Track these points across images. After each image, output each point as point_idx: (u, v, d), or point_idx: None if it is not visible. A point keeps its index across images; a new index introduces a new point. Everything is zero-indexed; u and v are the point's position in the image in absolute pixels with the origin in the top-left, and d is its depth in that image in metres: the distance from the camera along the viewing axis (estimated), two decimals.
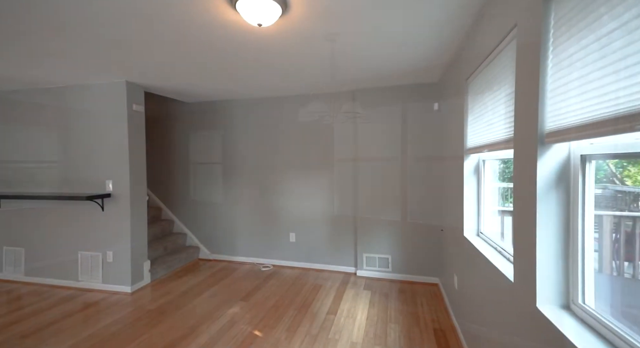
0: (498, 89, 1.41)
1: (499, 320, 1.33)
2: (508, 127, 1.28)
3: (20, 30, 1.82)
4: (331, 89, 3.27)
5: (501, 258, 1.46)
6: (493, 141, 1.48)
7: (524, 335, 1.06)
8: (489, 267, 1.45)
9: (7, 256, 3.25)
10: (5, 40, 1.95)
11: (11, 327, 2.30)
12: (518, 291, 1.12)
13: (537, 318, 0.96)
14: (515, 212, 1.15)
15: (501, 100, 1.37)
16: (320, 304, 2.65)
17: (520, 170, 1.11)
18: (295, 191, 3.58)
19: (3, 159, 3.27)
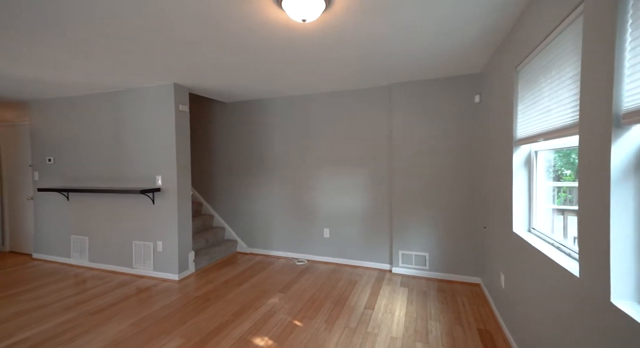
0: (557, 74, 1.32)
1: (560, 317, 1.25)
2: (571, 112, 1.20)
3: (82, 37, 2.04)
4: (367, 84, 3.25)
5: (559, 254, 1.37)
6: (551, 128, 1.39)
7: (594, 331, 0.99)
8: (547, 263, 1.37)
9: (75, 243, 3.65)
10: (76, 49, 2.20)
11: (81, 306, 2.58)
12: (586, 286, 1.04)
13: (612, 313, 0.89)
14: (583, 203, 1.07)
15: (561, 84, 1.29)
16: (356, 299, 2.65)
17: (588, 157, 1.03)
18: (329, 187, 3.62)
19: (71, 157, 3.67)
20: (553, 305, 1.31)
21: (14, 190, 4.12)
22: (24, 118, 3.95)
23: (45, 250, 3.84)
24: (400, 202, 3.21)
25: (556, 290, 1.28)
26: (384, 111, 3.35)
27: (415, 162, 3.14)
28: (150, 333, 2.14)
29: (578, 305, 1.10)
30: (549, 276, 1.35)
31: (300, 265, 3.58)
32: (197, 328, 2.20)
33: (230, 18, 1.75)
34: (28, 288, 2.95)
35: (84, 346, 1.98)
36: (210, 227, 4.20)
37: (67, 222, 3.68)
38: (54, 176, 3.77)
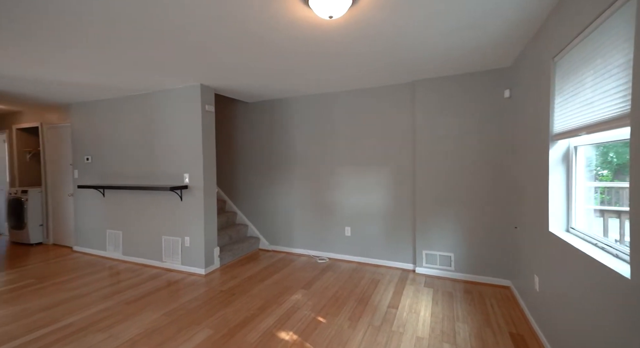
0: (602, 63, 1.24)
1: (604, 320, 1.18)
2: (619, 103, 1.12)
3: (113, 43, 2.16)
4: (389, 81, 3.21)
5: (605, 255, 1.29)
6: (595, 121, 1.31)
7: None
8: (591, 264, 1.29)
9: (110, 238, 3.88)
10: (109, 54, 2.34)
11: (117, 295, 2.74)
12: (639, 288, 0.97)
13: None
14: (636, 200, 1.00)
15: (607, 74, 1.21)
16: (380, 298, 2.63)
17: None
18: (350, 185, 3.61)
19: (107, 156, 3.91)
20: (596, 307, 1.23)
21: (56, 187, 4.45)
22: (65, 120, 4.26)
23: (84, 243, 4.12)
24: (423, 201, 3.14)
25: (602, 292, 1.20)
26: (406, 108, 3.29)
27: (440, 160, 3.06)
28: (181, 323, 2.24)
29: (629, 307, 1.03)
30: (594, 278, 1.27)
31: (321, 263, 3.60)
32: (225, 320, 2.27)
33: (256, 19, 1.79)
34: (70, 278, 3.17)
35: (122, 333, 2.11)
36: (233, 224, 4.32)
37: (103, 217, 3.92)
38: (92, 174, 4.03)
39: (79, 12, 1.69)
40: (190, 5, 1.64)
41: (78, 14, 1.72)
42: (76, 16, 1.74)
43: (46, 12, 1.70)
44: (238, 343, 1.97)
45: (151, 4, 1.62)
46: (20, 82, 3.08)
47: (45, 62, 2.51)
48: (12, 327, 2.20)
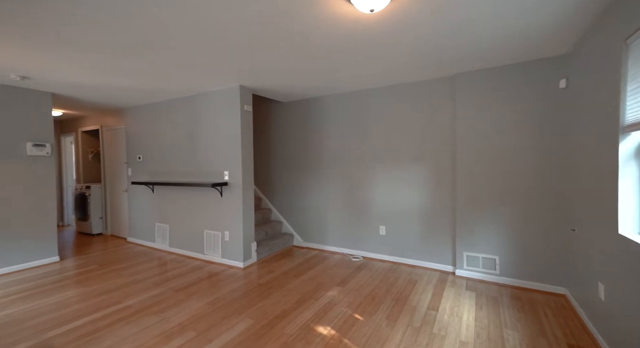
0: None
1: None
2: None
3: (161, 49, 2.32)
4: (427, 76, 3.09)
5: None
6: None
7: None
8: None
9: (158, 230, 4.21)
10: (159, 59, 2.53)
11: (166, 283, 2.96)
12: None
13: None
14: None
15: None
16: (418, 299, 2.55)
17: None
18: (385, 183, 3.54)
19: (155, 155, 4.24)
20: None
21: (113, 183, 4.93)
22: (121, 123, 4.70)
23: (136, 234, 4.52)
24: (465, 200, 2.98)
25: None
26: (445, 103, 3.14)
27: (484, 157, 2.88)
28: (224, 311, 2.36)
29: None
30: None
31: (355, 261, 3.57)
32: (264, 312, 2.36)
33: (297, 18, 1.82)
34: (126, 266, 3.49)
35: (173, 316, 2.28)
36: (268, 221, 4.45)
37: (153, 212, 4.27)
38: (143, 172, 4.40)
39: (136, 25, 1.86)
40: (233, 8, 1.72)
41: (135, 27, 1.89)
42: (133, 29, 1.91)
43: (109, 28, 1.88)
44: (277, 335, 2.03)
45: (196, 10, 1.73)
46: (87, 89, 3.46)
47: (106, 71, 2.79)
48: (82, 305, 2.48)
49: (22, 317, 2.30)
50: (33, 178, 3.45)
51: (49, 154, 3.58)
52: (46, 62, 2.54)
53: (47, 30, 1.96)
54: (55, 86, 3.30)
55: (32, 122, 3.44)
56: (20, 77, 2.90)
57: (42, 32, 1.98)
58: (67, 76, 2.94)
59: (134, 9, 1.70)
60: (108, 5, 1.66)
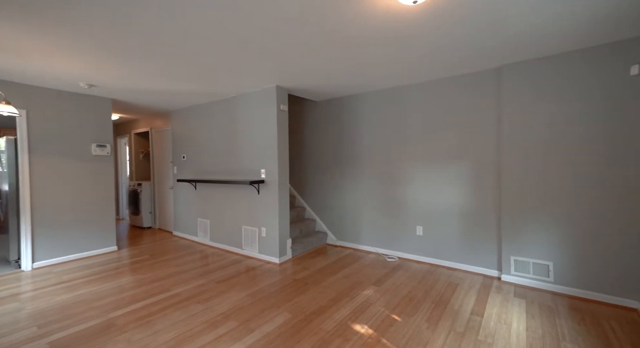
0: None
1: None
2: None
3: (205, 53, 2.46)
4: (470, 69, 2.93)
5: None
6: None
7: None
8: None
9: (200, 225, 4.48)
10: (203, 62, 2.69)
11: (208, 275, 3.14)
12: None
13: None
14: None
15: None
16: (460, 303, 2.42)
17: None
18: (422, 182, 3.41)
19: (198, 154, 4.52)
20: None
21: (161, 181, 5.35)
22: (167, 125, 5.08)
23: (181, 229, 4.85)
24: (512, 199, 2.77)
25: None
26: (488, 97, 2.95)
27: (535, 153, 2.66)
28: (263, 304, 2.44)
29: None
30: None
31: (391, 261, 3.50)
32: (301, 307, 2.40)
33: (336, 14, 1.83)
34: (173, 257, 3.77)
35: (216, 306, 2.41)
36: (302, 219, 4.52)
37: (195, 207, 4.55)
38: (187, 170, 4.71)
39: (186, 34, 2.00)
40: (272, 10, 1.77)
41: (185, 36, 2.03)
42: (184, 38, 2.06)
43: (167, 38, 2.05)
44: (315, 329, 2.06)
45: (236, 14, 1.81)
46: (141, 94, 3.80)
47: (159, 77, 3.03)
48: (137, 291, 2.73)
49: (90, 298, 2.58)
50: (96, 176, 3.86)
51: (109, 154, 3.98)
52: (111, 71, 2.83)
53: (116, 44, 2.19)
54: (115, 92, 3.66)
55: (95, 126, 3.85)
56: (88, 85, 3.27)
57: (112, 46, 2.21)
58: (126, 83, 3.26)
59: (183, 21, 1.83)
60: (167, 20, 1.81)
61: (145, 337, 1.98)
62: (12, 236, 3.30)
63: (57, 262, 3.51)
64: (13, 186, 3.27)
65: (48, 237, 3.44)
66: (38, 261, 3.38)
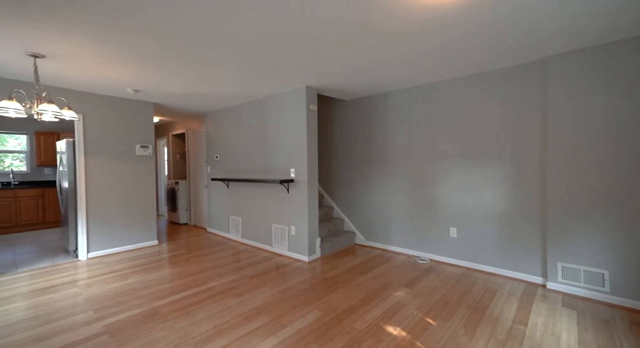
0: None
1: None
2: None
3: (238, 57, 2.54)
4: (509, 61, 2.75)
5: None
6: None
7: None
8: None
9: (232, 222, 4.66)
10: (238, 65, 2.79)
11: (240, 271, 3.26)
12: None
13: None
14: None
15: None
16: (500, 310, 2.29)
17: None
18: (456, 181, 3.27)
19: (230, 154, 4.71)
20: None
21: (196, 180, 5.64)
22: (202, 126, 5.34)
23: (214, 225, 5.08)
24: (559, 200, 2.56)
25: None
26: (531, 91, 2.75)
27: (587, 151, 2.43)
28: (294, 301, 2.49)
29: None
30: None
31: (422, 263, 3.39)
32: (331, 305, 2.41)
33: (370, 12, 1.81)
34: (208, 252, 3.96)
35: (249, 300, 2.50)
36: (330, 218, 4.53)
37: (227, 205, 4.74)
38: (220, 169, 4.92)
39: (222, 39, 2.09)
40: (310, 12, 1.79)
41: (221, 41, 2.12)
42: (221, 42, 2.15)
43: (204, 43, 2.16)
44: (347, 328, 2.05)
45: (275, 18, 1.85)
46: (179, 98, 4.04)
47: (196, 81, 3.20)
48: (177, 282, 2.90)
49: (137, 287, 2.80)
50: (140, 174, 4.17)
51: (151, 155, 4.27)
52: (154, 76, 3.05)
53: (159, 52, 2.35)
54: (156, 96, 3.93)
55: (139, 128, 4.16)
56: (134, 90, 3.54)
57: (156, 54, 2.37)
58: (167, 87, 3.48)
59: (222, 27, 1.92)
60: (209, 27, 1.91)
61: (185, 326, 2.11)
62: (71, 228, 3.66)
63: (107, 253, 3.84)
64: (72, 183, 3.63)
65: (100, 230, 3.78)
66: (92, 251, 3.72)
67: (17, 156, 5.66)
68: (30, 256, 3.77)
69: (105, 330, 2.06)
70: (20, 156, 5.69)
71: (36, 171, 5.76)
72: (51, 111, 2.29)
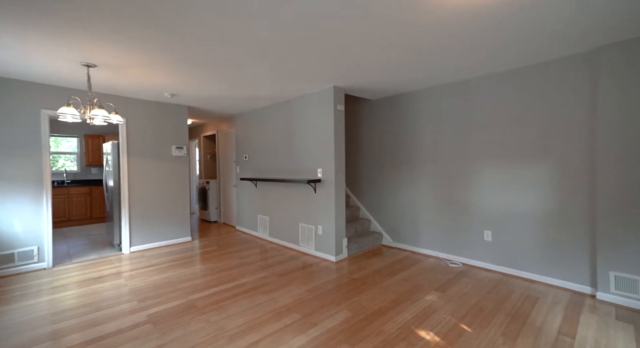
0: None
1: None
2: None
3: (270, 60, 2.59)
4: (553, 54, 2.56)
5: None
6: None
7: None
8: None
9: (260, 221, 4.79)
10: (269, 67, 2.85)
11: (269, 268, 3.34)
12: None
13: None
14: None
15: None
16: (543, 320, 2.14)
17: None
18: (492, 182, 3.10)
19: (258, 154, 4.83)
20: None
21: (226, 180, 5.86)
22: (231, 128, 5.54)
23: (243, 224, 5.24)
24: (612, 203, 2.34)
25: None
26: (580, 84, 2.54)
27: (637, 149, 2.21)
28: (322, 300, 2.50)
29: None
30: None
31: (454, 266, 3.26)
32: (360, 306, 2.39)
33: (405, 7, 1.77)
34: (237, 249, 4.10)
35: (279, 298, 2.55)
36: (357, 218, 4.50)
37: (255, 204, 4.88)
38: (248, 169, 5.07)
39: (255, 41, 2.15)
40: (341, 10, 1.79)
41: (254, 43, 2.19)
42: (253, 45, 2.22)
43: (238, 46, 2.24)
44: (377, 330, 2.03)
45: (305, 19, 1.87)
46: (210, 101, 4.22)
47: (227, 83, 3.33)
48: (211, 278, 3.03)
49: (174, 280, 2.97)
50: (175, 174, 4.41)
51: (185, 155, 4.50)
52: (191, 81, 3.21)
53: (194, 57, 2.47)
54: (191, 100, 4.14)
55: (175, 130, 4.40)
56: (171, 94, 3.76)
57: (191, 59, 2.50)
58: (201, 91, 3.65)
59: (257, 33, 1.98)
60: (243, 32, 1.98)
61: (220, 319, 2.20)
62: (115, 224, 3.96)
63: (147, 248, 4.11)
64: (116, 182, 3.92)
65: (140, 226, 4.05)
66: (133, 246, 4.00)
67: (68, 157, 6.23)
68: (81, 249, 4.13)
69: (148, 319, 2.20)
70: (71, 157, 6.25)
71: (85, 170, 6.30)
72: (101, 115, 2.50)
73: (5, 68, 2.77)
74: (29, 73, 2.92)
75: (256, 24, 1.95)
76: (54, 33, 2.05)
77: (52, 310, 2.36)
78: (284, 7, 1.76)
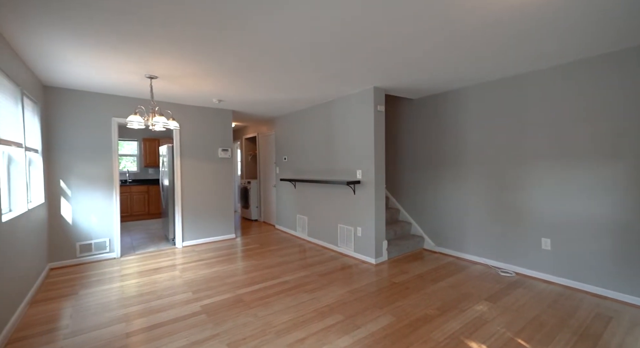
0: None
1: None
2: None
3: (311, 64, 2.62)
4: (626, 42, 2.25)
5: None
6: None
7: None
8: None
9: (299, 221, 4.90)
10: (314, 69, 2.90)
11: (310, 267, 3.40)
12: None
13: None
14: None
15: None
16: (619, 342, 1.90)
17: None
18: (551, 185, 2.83)
19: (298, 156, 4.95)
20: None
21: (266, 180, 6.09)
22: (271, 130, 5.75)
23: (281, 223, 5.41)
24: None
25: None
26: None
27: None
28: (364, 303, 2.49)
29: None
30: None
31: (505, 276, 3.03)
32: (404, 311, 2.33)
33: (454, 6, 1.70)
34: (278, 248, 4.24)
35: (321, 297, 2.59)
36: (397, 221, 4.39)
37: (294, 204, 5.00)
38: (288, 170, 5.22)
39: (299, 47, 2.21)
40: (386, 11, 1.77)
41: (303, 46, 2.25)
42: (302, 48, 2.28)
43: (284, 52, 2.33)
44: (424, 338, 1.97)
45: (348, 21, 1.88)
46: (252, 104, 4.42)
47: (269, 87, 3.46)
48: (255, 274, 3.19)
49: (222, 275, 3.17)
50: (221, 174, 4.70)
51: (230, 157, 4.78)
52: (237, 86, 3.41)
53: (239, 65, 2.62)
54: (235, 104, 4.38)
55: (221, 133, 4.69)
56: (218, 100, 4.02)
57: (237, 67, 2.66)
58: (246, 96, 3.85)
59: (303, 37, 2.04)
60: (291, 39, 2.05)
61: (267, 315, 2.30)
62: (170, 220, 4.34)
63: (197, 243, 4.44)
64: (171, 182, 4.30)
65: (191, 222, 4.39)
66: (186, 241, 4.35)
67: (129, 159, 6.96)
68: (142, 242, 4.60)
69: (202, 309, 2.39)
70: (132, 158, 6.97)
71: (143, 171, 6.99)
72: (162, 122, 2.76)
73: (88, 83, 3.20)
74: (104, 86, 3.32)
75: (311, 31, 2.00)
76: (125, 49, 2.31)
77: (122, 295, 2.66)
78: (339, 9, 1.78)
